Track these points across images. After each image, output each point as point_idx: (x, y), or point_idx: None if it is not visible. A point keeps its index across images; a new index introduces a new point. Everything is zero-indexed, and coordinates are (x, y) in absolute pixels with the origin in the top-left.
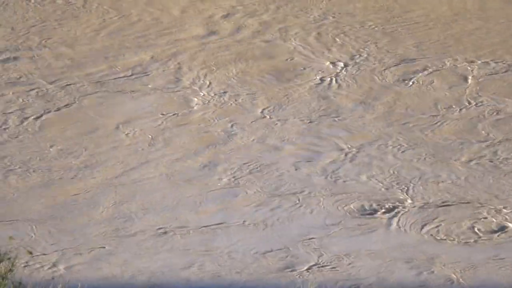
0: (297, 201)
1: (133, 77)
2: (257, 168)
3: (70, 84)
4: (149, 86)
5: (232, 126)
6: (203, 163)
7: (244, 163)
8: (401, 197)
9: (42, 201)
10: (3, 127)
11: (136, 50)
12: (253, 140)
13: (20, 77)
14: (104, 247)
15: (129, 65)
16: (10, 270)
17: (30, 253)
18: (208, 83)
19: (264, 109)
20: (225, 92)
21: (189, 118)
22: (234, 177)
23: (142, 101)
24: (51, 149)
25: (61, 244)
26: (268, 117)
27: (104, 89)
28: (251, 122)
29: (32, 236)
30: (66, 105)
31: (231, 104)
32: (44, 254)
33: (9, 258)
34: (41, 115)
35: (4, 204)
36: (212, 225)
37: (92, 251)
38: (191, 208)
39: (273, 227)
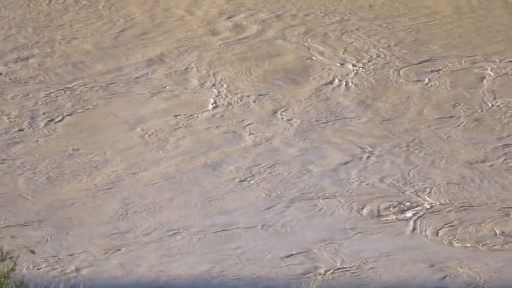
0: (312, 204)
1: (148, 77)
2: (269, 170)
3: (88, 85)
4: (167, 87)
5: (243, 127)
6: (215, 164)
7: (256, 165)
8: (419, 200)
9: (54, 203)
10: (17, 128)
11: (155, 50)
12: (266, 141)
13: (37, 78)
14: (120, 249)
15: (145, 66)
16: (12, 269)
17: (33, 252)
18: (219, 84)
19: (276, 110)
20: (236, 93)
21: (201, 119)
22: (245, 178)
23: (156, 102)
24: (64, 151)
25: (75, 247)
26: (280, 118)
27: (122, 90)
28: (263, 123)
29: (48, 239)
30: (85, 107)
31: (243, 105)
32: (57, 257)
33: (11, 257)
34: (61, 117)
35: (19, 206)
36: (232, 228)
37: (105, 253)
38: (203, 210)
39: (287, 230)
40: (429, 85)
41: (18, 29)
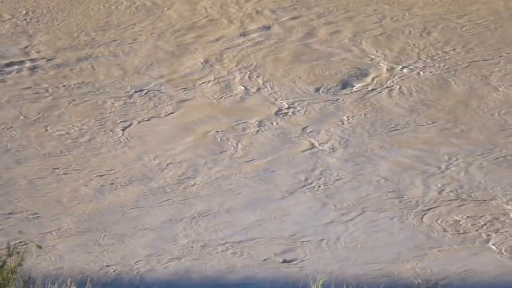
0: (386, 217)
1: (205, 81)
2: (329, 177)
3: (152, 90)
4: (224, 92)
5: (303, 130)
6: (276, 170)
7: (315, 172)
8: (501, 211)
9: (111, 208)
10: (75, 136)
11: (211, 53)
12: (329, 149)
13: (94, 85)
14: (181, 258)
15: (202, 69)
16: (20, 265)
17: (40, 247)
18: (268, 89)
19: (331, 115)
20: (290, 98)
21: (258, 124)
22: (306, 186)
23: (212, 108)
24: (128, 157)
25: (132, 253)
26: (337, 123)
27: (179, 94)
28: (320, 128)
29: (92, 246)
30: (149, 117)
31: (299, 110)
32: (116, 262)
33: (18, 252)
34: (128, 125)
35: (84, 211)
36: (299, 240)
37: (163, 261)
38: (272, 218)
39: (361, 244)
40: (491, 87)
41: (80, 32)
